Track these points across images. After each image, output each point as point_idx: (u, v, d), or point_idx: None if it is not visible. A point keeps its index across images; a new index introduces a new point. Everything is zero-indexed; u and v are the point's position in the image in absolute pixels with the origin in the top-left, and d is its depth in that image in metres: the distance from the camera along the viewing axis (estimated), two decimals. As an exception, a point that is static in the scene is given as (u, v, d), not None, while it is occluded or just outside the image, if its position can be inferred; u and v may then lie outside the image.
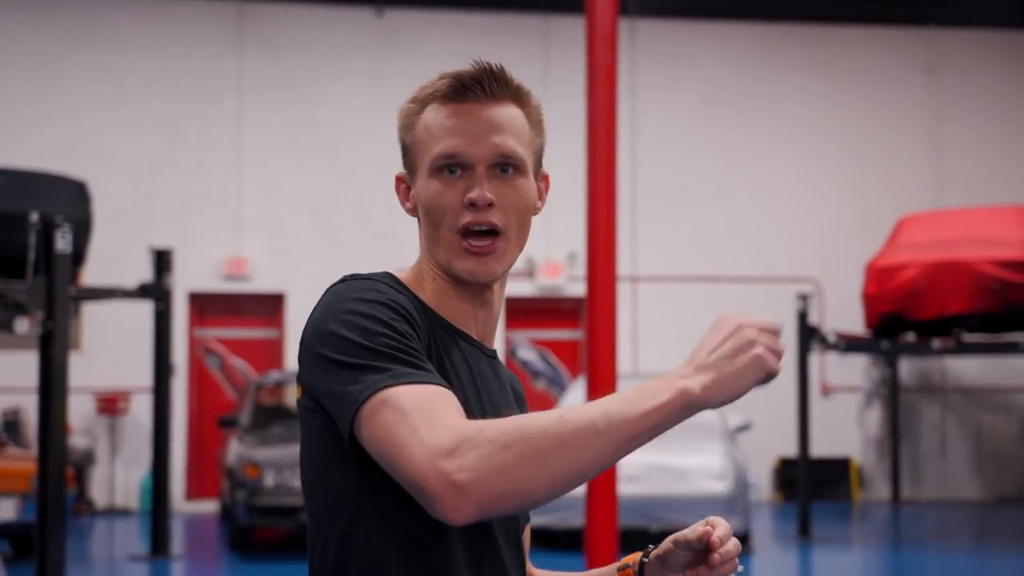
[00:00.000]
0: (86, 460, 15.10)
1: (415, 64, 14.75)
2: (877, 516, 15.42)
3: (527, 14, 16.23)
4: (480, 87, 1.43)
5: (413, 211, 1.52)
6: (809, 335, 12.67)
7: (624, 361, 13.08)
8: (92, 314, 14.55)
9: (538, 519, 10.18)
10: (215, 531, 13.53)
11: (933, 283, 12.25)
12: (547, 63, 15.93)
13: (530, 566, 1.64)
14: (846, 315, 14.21)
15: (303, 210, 16.29)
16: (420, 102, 1.48)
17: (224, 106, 15.88)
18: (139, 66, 15.76)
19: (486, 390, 1.45)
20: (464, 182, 1.40)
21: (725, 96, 16.96)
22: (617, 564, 1.68)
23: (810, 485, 12.81)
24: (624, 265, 11.90)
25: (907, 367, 16.62)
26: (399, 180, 1.55)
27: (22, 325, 8.20)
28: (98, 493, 15.29)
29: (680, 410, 1.20)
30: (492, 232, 1.41)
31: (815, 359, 13.78)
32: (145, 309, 11.78)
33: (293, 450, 7.06)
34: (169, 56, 15.69)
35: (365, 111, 16.05)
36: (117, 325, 14.33)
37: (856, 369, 16.03)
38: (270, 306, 16.39)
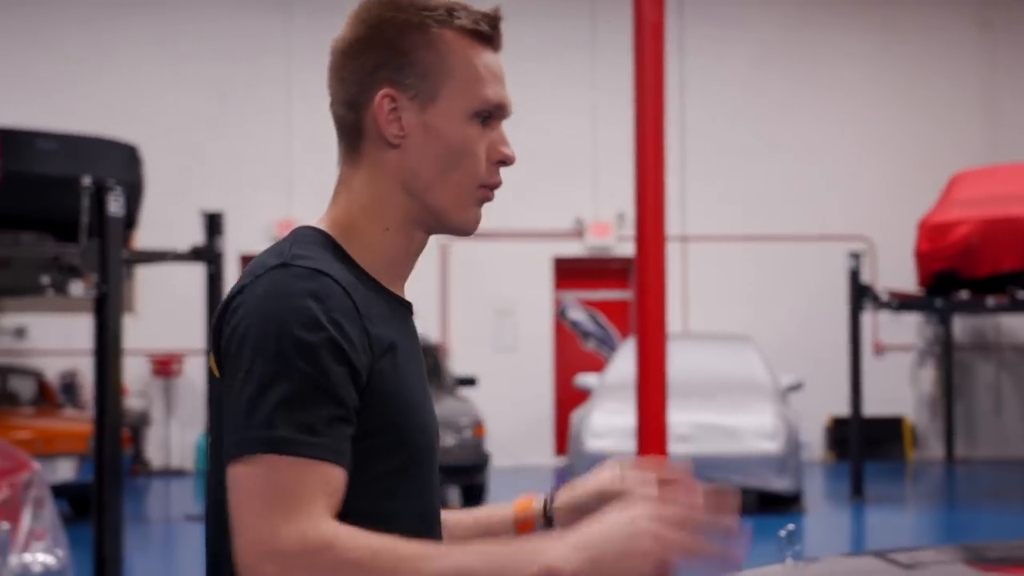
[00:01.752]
0: (141, 421, 15.20)
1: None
2: (931, 475, 15.40)
3: None
4: (500, 37, 1.42)
5: (400, 139, 1.40)
6: (862, 294, 12.62)
7: (674, 321, 12.31)
8: (145, 277, 14.57)
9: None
10: None
11: (987, 240, 12.21)
12: (595, 21, 15.97)
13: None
14: (899, 273, 13.96)
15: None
16: (439, 21, 1.39)
17: (272, 68, 15.98)
18: (187, 28, 15.56)
19: (411, 341, 1.43)
20: (491, 134, 1.37)
21: (775, 55, 16.78)
22: (514, 511, 1.65)
23: (863, 445, 12.82)
24: (673, 225, 11.28)
25: (961, 325, 16.43)
26: (388, 97, 1.39)
27: (77, 288, 8.26)
28: (154, 454, 15.55)
29: None
30: None
31: (867, 318, 13.68)
32: (197, 272, 11.73)
33: None
34: (216, 18, 15.75)
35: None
36: (170, 288, 14.36)
37: (909, 327, 15.91)
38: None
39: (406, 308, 1.41)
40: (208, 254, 11.38)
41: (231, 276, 13.70)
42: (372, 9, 1.38)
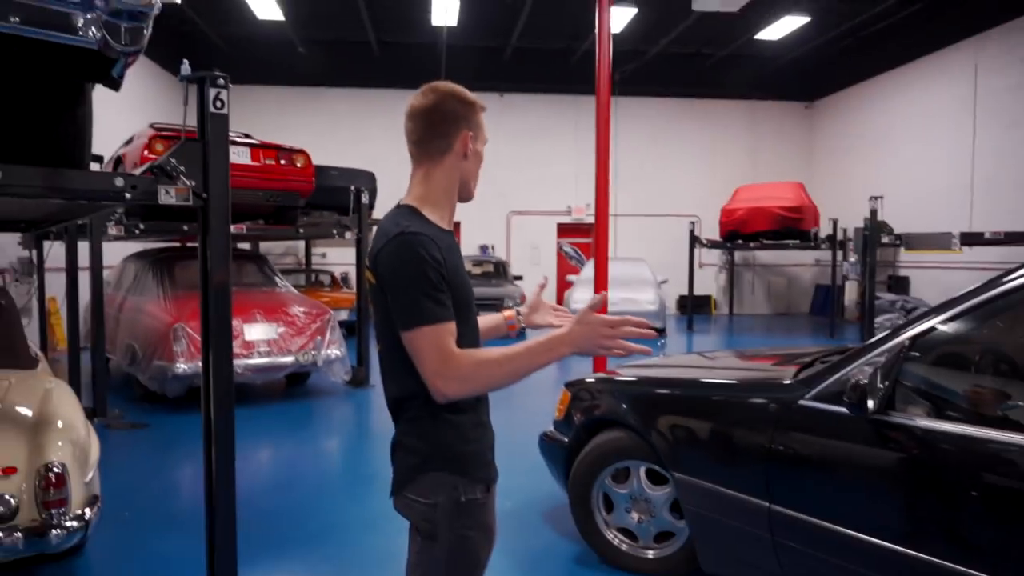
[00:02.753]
0: None
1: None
2: (722, 321, 16.10)
3: (566, 95, 16.43)
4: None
5: (467, 157, 1.64)
6: (694, 240, 14.24)
7: (610, 252, 15.51)
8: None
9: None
10: None
11: (751, 217, 13.48)
12: (578, 108, 16.10)
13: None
14: (712, 232, 15.38)
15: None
16: (478, 106, 1.66)
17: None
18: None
19: (457, 252, 1.62)
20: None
21: (660, 127, 17.32)
22: (504, 317, 1.94)
23: (693, 307, 14.71)
24: (610, 207, 14.72)
25: (738, 255, 17.50)
26: (468, 135, 1.62)
27: (347, 235, 8.29)
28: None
29: (556, 361, 1.50)
30: None
31: (697, 251, 14.70)
32: None
33: None
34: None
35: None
36: None
37: (714, 254, 17.30)
38: (454, 229, 17.79)
39: (451, 234, 1.62)
40: None
41: None
42: (449, 90, 1.63)
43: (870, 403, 2.31)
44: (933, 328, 2.42)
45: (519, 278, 14.10)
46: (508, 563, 3.54)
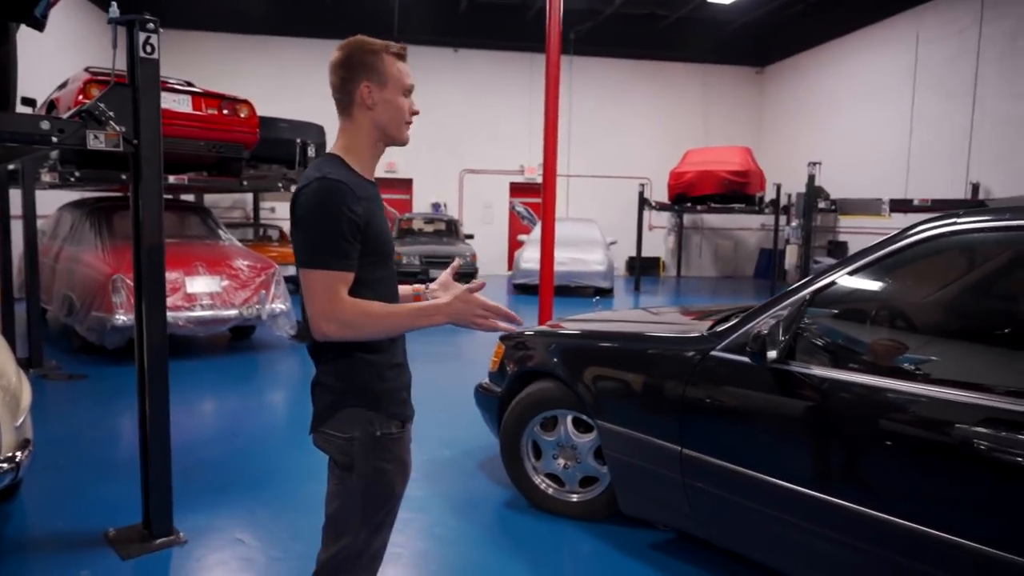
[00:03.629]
0: None
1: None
2: (670, 283, 16.34)
3: (521, 52, 16.18)
4: (404, 56, 1.73)
5: (373, 106, 1.67)
6: (643, 203, 14.38)
7: (562, 212, 15.28)
8: None
9: (522, 280, 13.21)
10: None
11: (699, 180, 13.63)
12: (532, 67, 15.97)
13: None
14: (661, 194, 15.49)
15: (419, 139, 17.10)
16: (381, 52, 1.68)
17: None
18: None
19: (380, 207, 1.71)
20: (408, 100, 1.72)
21: (611, 90, 17.32)
22: (413, 288, 1.99)
23: (641, 268, 14.83)
24: (563, 168, 14.14)
25: (687, 218, 17.72)
26: (366, 87, 1.66)
27: (292, 188, 7.01)
28: None
29: (432, 326, 1.63)
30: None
31: (647, 213, 14.95)
32: None
33: (416, 248, 12.90)
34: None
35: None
36: None
37: (664, 217, 17.55)
38: (406, 185, 16.99)
39: (375, 185, 1.70)
40: None
41: None
42: (353, 44, 1.68)
43: (769, 353, 2.48)
44: (834, 283, 2.60)
45: (470, 237, 14.12)
46: (443, 507, 3.69)
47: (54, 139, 2.81)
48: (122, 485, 3.69)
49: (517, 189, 17.38)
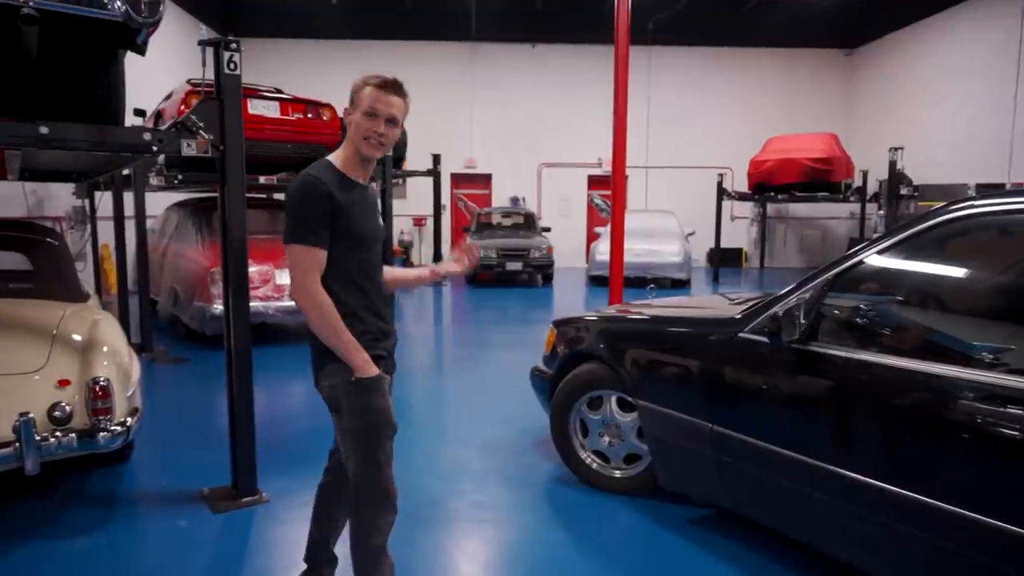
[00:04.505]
0: (409, 245, 16.65)
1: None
2: (752, 274, 16.19)
3: (598, 45, 15.99)
4: (388, 87, 2.05)
5: (349, 125, 2.04)
6: (722, 192, 14.25)
7: (642, 203, 15.69)
8: (411, 182, 15.34)
9: (597, 272, 13.20)
10: (461, 275, 13.73)
11: (779, 168, 13.50)
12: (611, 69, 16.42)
13: (386, 268, 2.30)
14: (741, 184, 15.27)
15: (498, 135, 16.92)
16: (362, 84, 2.06)
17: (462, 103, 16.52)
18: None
19: (362, 203, 2.04)
20: (372, 121, 2.04)
21: (696, 78, 17.04)
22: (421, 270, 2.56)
23: (720, 260, 14.84)
24: (639, 160, 14.74)
25: (771, 207, 17.16)
26: (347, 111, 2.07)
27: (372, 186, 9.05)
28: (415, 258, 16.60)
29: (345, 359, 1.99)
30: (380, 142, 2.04)
31: (729, 204, 15.03)
32: (430, 181, 13.72)
33: (494, 242, 13.15)
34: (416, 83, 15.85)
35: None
36: (419, 186, 15.16)
37: (747, 207, 17.25)
38: (485, 179, 17.45)
39: (364, 186, 2.07)
40: (434, 173, 13.47)
41: (445, 183, 15.48)
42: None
43: (786, 334, 2.62)
44: (857, 265, 2.69)
45: (547, 230, 14.21)
46: (497, 480, 3.97)
47: (155, 148, 3.27)
48: (214, 452, 4.15)
49: (595, 182, 17.34)
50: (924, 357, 2.30)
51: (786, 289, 2.95)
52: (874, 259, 2.65)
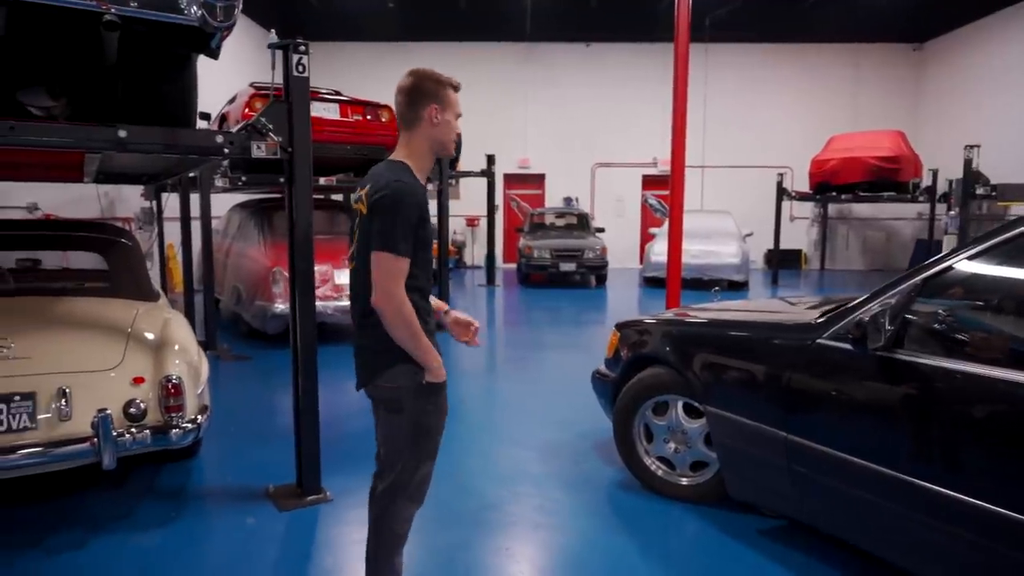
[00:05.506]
0: (462, 245, 16.91)
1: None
2: (812, 276, 15.90)
3: (653, 43, 16.24)
4: (459, 89, 2.12)
5: (435, 125, 2.05)
6: (782, 193, 14.06)
7: (698, 203, 15.31)
8: (464, 183, 14.97)
9: (652, 273, 13.10)
10: (514, 275, 14.43)
11: (843, 167, 13.20)
12: (667, 60, 15.85)
13: None
14: (802, 183, 15.11)
15: (551, 135, 17.00)
16: (447, 84, 2.09)
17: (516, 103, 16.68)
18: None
19: (427, 199, 2.04)
20: (457, 123, 2.12)
21: (748, 78, 16.84)
22: (439, 304, 2.35)
23: (780, 262, 14.61)
24: (696, 159, 14.28)
25: (833, 208, 17.08)
26: (434, 109, 2.05)
27: (429, 187, 7.62)
28: (467, 258, 16.97)
29: (420, 359, 2.03)
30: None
31: (788, 204, 14.80)
32: (484, 181, 13.29)
33: (547, 242, 13.08)
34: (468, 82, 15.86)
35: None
36: (472, 186, 14.83)
37: (807, 207, 16.99)
38: (539, 180, 17.54)
39: (425, 187, 2.06)
40: (488, 173, 13.07)
41: (499, 182, 15.09)
42: (422, 73, 2.07)
43: (872, 341, 2.50)
44: (947, 270, 2.56)
45: (601, 230, 14.15)
46: (556, 484, 3.92)
47: (226, 150, 3.34)
48: (278, 449, 4.23)
49: (650, 182, 17.24)
50: (1019, 367, 2.18)
51: (867, 294, 2.82)
52: (965, 264, 2.52)
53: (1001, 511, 2.11)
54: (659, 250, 12.20)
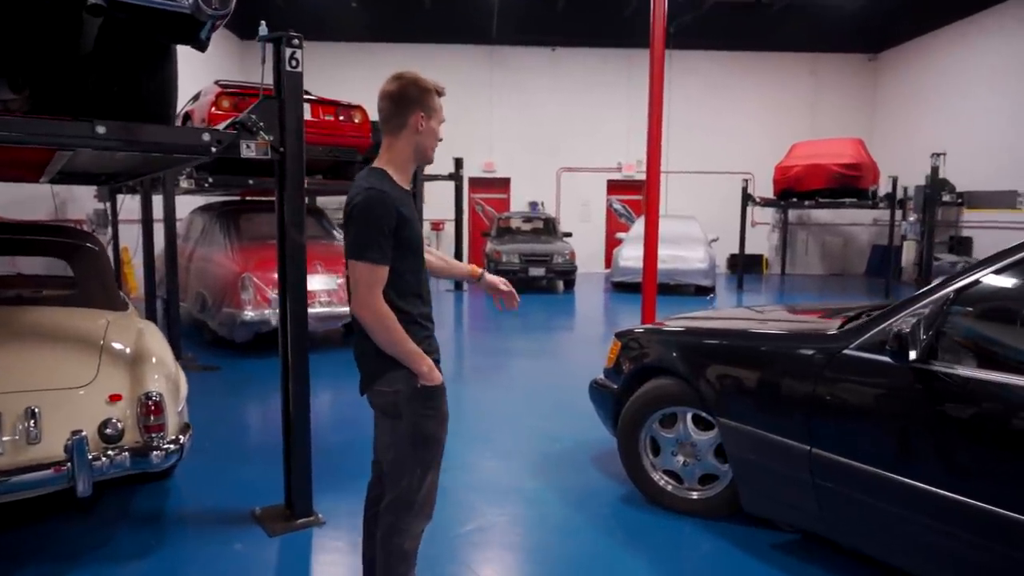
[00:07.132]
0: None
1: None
2: (773, 281, 15.98)
3: (619, 48, 16.32)
4: (443, 95, 2.11)
5: (419, 132, 2.03)
6: (747, 198, 13.98)
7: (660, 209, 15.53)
8: (430, 187, 13.73)
9: (620, 278, 13.22)
10: None
11: (806, 174, 13.22)
12: (630, 64, 16.32)
13: (436, 253, 2.42)
14: (765, 190, 15.02)
15: (517, 139, 16.83)
16: (432, 90, 2.06)
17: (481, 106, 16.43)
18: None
19: (413, 211, 2.03)
20: (440, 129, 2.11)
21: (711, 85, 16.98)
22: (470, 269, 2.49)
23: (744, 266, 14.56)
24: (663, 166, 14.49)
25: (792, 214, 17.24)
26: (420, 116, 2.03)
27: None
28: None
29: (410, 365, 2.00)
30: None
31: (750, 209, 14.33)
32: (449, 185, 13.11)
33: (515, 247, 13.14)
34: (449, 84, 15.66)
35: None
36: (437, 190, 14.09)
37: (768, 213, 17.11)
38: (504, 184, 17.33)
39: (408, 192, 2.05)
40: (456, 176, 12.88)
41: (465, 186, 14.14)
42: (409, 79, 2.04)
43: (912, 352, 2.42)
44: (979, 280, 2.52)
45: (569, 235, 14.07)
46: (558, 499, 3.76)
47: (213, 149, 3.09)
48: (260, 467, 4.01)
49: (615, 186, 17.34)
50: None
51: (894, 304, 2.77)
52: (1000, 275, 2.48)
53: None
54: (628, 255, 12.24)
